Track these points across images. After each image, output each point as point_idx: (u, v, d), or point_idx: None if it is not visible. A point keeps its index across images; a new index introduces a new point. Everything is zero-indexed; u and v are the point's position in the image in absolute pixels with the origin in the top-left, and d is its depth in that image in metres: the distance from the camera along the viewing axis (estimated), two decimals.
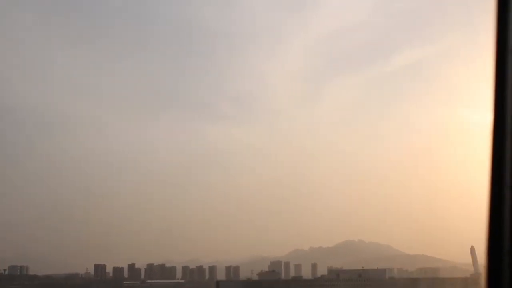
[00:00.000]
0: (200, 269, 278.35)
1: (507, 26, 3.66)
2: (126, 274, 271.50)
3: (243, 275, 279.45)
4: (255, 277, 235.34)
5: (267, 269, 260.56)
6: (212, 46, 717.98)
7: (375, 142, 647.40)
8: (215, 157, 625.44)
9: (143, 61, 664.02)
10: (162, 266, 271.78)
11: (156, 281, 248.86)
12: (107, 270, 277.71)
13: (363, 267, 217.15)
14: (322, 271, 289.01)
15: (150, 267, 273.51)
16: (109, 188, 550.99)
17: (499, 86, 3.66)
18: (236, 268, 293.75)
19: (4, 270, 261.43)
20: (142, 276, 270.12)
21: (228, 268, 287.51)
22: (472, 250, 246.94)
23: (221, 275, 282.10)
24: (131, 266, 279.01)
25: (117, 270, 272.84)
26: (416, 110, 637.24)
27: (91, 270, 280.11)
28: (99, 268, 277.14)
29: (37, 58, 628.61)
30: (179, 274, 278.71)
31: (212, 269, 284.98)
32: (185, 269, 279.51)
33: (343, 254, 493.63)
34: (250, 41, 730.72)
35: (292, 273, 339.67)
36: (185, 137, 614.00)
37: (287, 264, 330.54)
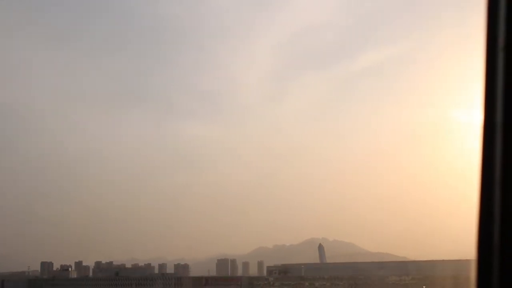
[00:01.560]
0: (148, 266, 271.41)
1: (497, 23, 3.66)
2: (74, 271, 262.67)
3: (198, 273, 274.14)
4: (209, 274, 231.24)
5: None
6: (180, 43, 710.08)
7: (341, 140, 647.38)
8: (182, 155, 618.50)
9: (110, 59, 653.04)
10: (109, 263, 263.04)
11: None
12: (54, 267, 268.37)
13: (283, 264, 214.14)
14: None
15: (98, 265, 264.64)
16: (72, 185, 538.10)
17: (489, 83, 3.68)
18: (185, 266, 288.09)
19: None
20: (91, 274, 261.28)
21: (177, 266, 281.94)
22: (321, 247, 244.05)
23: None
24: (78, 264, 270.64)
25: (64, 268, 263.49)
26: (382, 109, 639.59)
27: (38, 268, 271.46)
28: (46, 266, 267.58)
29: (6, 56, 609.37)
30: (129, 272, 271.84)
31: (162, 266, 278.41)
32: (134, 266, 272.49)
33: (306, 252, 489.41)
34: (218, 39, 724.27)
35: (254, 272, 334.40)
36: (153, 135, 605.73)
37: (246, 264, 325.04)
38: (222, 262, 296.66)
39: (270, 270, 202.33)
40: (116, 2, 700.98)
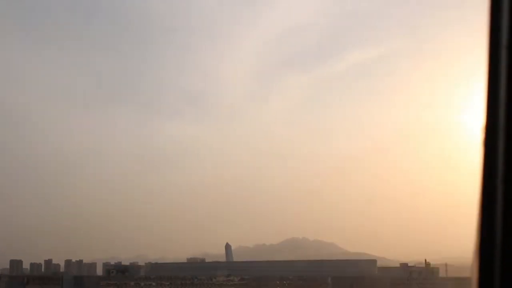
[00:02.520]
0: (118, 265, 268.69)
1: (500, 23, 3.65)
2: (43, 270, 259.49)
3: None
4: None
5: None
6: (163, 42, 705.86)
7: (325, 140, 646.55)
8: (167, 154, 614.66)
9: (92, 57, 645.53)
10: (79, 262, 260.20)
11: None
12: (24, 266, 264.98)
13: None
14: None
15: (68, 263, 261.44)
16: (54, 183, 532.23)
17: (492, 82, 3.67)
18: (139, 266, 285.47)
19: None
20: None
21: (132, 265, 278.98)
22: (227, 246, 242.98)
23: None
24: (48, 262, 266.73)
25: (34, 266, 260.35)
26: (366, 109, 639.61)
27: (7, 265, 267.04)
28: (15, 264, 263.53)
29: None
30: (99, 270, 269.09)
31: (106, 265, 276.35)
32: (105, 265, 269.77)
33: (287, 251, 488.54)
34: (203, 38, 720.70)
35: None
36: (138, 134, 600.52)
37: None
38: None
39: (108, 269, 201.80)
40: (102, 0, 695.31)
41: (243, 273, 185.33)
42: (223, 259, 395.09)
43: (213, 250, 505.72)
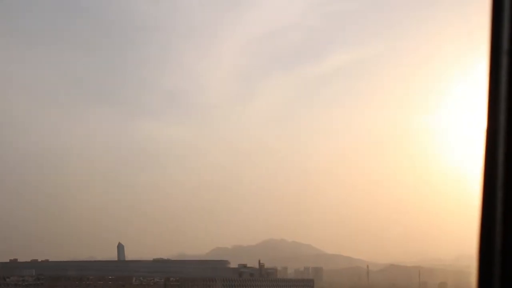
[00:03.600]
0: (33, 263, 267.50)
1: (502, 27, 3.65)
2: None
3: None
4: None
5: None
6: (147, 41, 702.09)
7: (306, 141, 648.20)
8: (146, 154, 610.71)
9: (74, 57, 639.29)
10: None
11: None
12: None
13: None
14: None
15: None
16: (30, 183, 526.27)
17: (493, 87, 3.66)
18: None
19: None
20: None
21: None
22: (120, 246, 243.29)
23: None
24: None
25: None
26: (348, 110, 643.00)
27: None
28: None
29: None
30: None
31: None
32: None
33: (264, 252, 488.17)
34: (184, 38, 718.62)
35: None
36: (117, 133, 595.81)
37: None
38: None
39: None
40: (84, 0, 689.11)
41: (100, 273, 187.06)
42: (200, 259, 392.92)
43: (192, 251, 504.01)
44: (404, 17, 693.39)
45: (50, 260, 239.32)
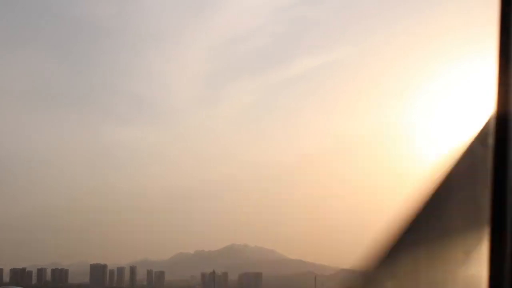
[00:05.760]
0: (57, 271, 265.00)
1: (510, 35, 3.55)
2: None
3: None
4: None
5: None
6: (112, 45, 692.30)
7: (271, 146, 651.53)
8: (110, 159, 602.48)
9: (32, 58, 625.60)
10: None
11: None
12: None
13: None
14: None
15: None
16: None
17: (502, 93, 3.57)
18: (64, 271, 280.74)
19: None
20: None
21: (54, 271, 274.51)
22: None
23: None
24: None
25: None
26: (314, 116, 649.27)
27: None
28: None
29: None
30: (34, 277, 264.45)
31: (40, 271, 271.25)
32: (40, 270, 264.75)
33: (227, 257, 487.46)
34: (151, 42, 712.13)
35: (170, 277, 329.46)
36: (81, 138, 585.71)
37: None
38: (95, 268, 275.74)
39: None
40: (48, 2, 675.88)
41: None
42: (166, 265, 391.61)
43: (154, 256, 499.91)
44: (370, 21, 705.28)
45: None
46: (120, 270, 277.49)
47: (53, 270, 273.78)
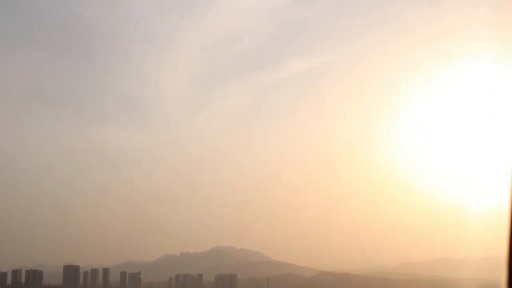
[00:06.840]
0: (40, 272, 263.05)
1: None
2: None
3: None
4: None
5: None
6: (104, 48, 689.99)
7: (259, 148, 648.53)
8: (100, 160, 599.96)
9: (25, 60, 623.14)
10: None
11: None
12: None
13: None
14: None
15: None
16: None
17: None
18: (39, 273, 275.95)
19: None
20: None
21: (28, 272, 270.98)
22: None
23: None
24: None
25: None
26: (303, 117, 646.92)
27: None
28: None
29: None
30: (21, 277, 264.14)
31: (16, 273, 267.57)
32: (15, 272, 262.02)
33: (213, 260, 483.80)
34: (142, 45, 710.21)
35: (153, 278, 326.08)
36: (73, 138, 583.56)
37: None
38: (69, 269, 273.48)
39: None
40: (35, 2, 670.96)
41: None
42: (152, 267, 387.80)
43: (140, 258, 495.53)
44: (359, 25, 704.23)
45: None
46: (94, 271, 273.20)
47: (27, 272, 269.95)
